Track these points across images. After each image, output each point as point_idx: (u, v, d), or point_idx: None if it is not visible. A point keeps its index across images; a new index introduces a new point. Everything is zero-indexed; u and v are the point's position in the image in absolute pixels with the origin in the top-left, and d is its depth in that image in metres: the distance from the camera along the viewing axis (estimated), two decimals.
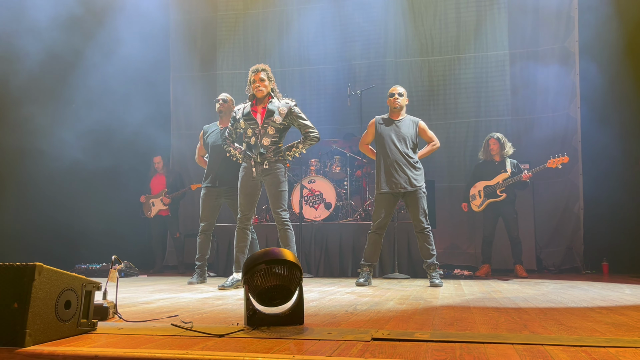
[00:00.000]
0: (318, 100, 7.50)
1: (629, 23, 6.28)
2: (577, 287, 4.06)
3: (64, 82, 6.59)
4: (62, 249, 6.30)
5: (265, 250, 2.07)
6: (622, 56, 6.28)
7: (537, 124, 6.91)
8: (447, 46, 7.37)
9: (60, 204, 6.36)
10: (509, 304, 2.89)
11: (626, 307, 2.76)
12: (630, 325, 2.09)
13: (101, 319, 2.17)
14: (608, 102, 6.38)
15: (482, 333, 1.88)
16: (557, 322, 2.16)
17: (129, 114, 6.99)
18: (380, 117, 4.55)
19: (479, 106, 7.16)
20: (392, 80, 7.13)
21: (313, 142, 4.16)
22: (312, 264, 5.80)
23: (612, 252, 6.20)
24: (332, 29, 7.62)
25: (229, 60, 8.06)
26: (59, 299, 1.75)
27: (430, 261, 4.30)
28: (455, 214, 6.85)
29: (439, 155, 7.22)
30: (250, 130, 4.11)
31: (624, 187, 6.11)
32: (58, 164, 6.38)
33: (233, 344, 1.68)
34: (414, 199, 4.31)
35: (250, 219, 4.23)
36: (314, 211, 6.02)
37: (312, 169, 6.33)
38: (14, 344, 1.60)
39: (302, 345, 1.66)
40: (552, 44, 6.98)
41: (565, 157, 5.45)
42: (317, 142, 4.20)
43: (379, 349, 1.59)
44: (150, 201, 6.98)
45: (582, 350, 1.55)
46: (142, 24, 7.22)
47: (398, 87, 4.55)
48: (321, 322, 2.18)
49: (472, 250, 6.82)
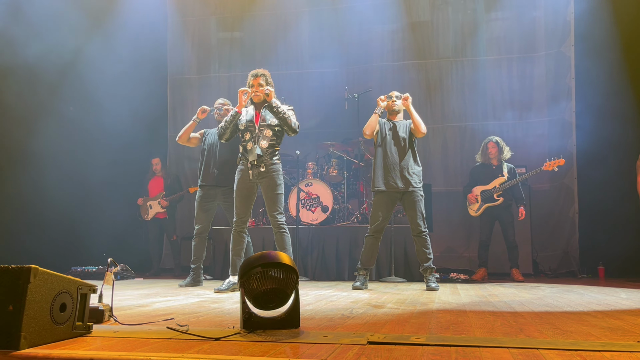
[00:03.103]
0: (315, 103, 7.50)
1: (625, 27, 6.31)
2: (573, 291, 4.07)
3: (62, 84, 6.58)
4: (58, 251, 6.28)
5: (262, 253, 2.07)
6: (618, 61, 6.31)
7: (532, 128, 6.95)
8: (443, 50, 7.40)
9: (56, 206, 6.34)
10: (505, 307, 2.90)
11: (622, 311, 2.77)
12: (626, 329, 2.10)
13: (97, 322, 2.16)
14: (603, 107, 6.41)
15: (478, 337, 1.88)
16: (553, 326, 2.16)
17: (127, 116, 6.98)
18: (380, 118, 4.54)
19: (475, 110, 7.18)
20: (389, 83, 7.15)
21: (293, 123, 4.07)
22: (308, 267, 5.79)
23: (608, 256, 6.21)
24: (329, 32, 7.63)
25: (226, 63, 8.07)
26: (54, 301, 1.75)
27: (426, 265, 4.30)
28: (451, 217, 6.86)
29: (436, 159, 7.24)
30: (247, 133, 4.11)
31: (619, 191, 6.13)
32: (54, 165, 6.37)
33: (229, 347, 1.68)
34: (412, 202, 4.32)
35: (246, 222, 4.23)
36: (311, 214, 6.02)
37: (309, 172, 6.33)
38: (9, 347, 1.60)
39: (297, 349, 1.66)
40: (548, 49, 7.01)
41: (561, 160, 5.48)
42: (293, 131, 4.09)
43: (375, 352, 1.59)
44: (148, 204, 6.97)
45: (577, 355, 1.56)
46: (139, 26, 7.22)
47: (396, 92, 4.57)
48: (317, 325, 2.18)
49: (469, 254, 6.83)
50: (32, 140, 6.24)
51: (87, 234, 6.66)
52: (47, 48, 6.06)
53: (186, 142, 4.90)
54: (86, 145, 6.64)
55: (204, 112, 4.73)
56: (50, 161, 6.31)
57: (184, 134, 4.82)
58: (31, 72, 6.04)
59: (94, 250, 6.58)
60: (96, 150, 6.73)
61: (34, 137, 6.25)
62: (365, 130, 4.42)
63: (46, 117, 6.38)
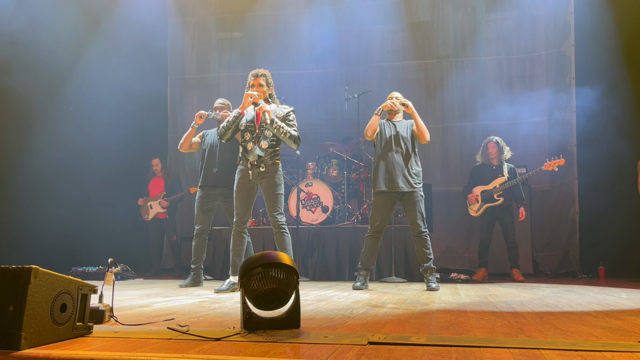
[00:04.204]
0: (315, 103, 7.50)
1: (625, 27, 6.31)
2: (574, 291, 4.06)
3: (62, 84, 6.58)
4: (58, 251, 6.27)
5: (262, 253, 2.07)
6: (619, 60, 6.31)
7: (532, 128, 6.94)
8: (443, 50, 7.40)
9: (57, 206, 6.34)
10: (505, 308, 2.90)
11: (622, 311, 2.77)
12: (626, 329, 2.09)
13: (97, 322, 2.16)
14: (603, 107, 6.41)
15: (479, 337, 1.88)
16: (553, 326, 2.16)
17: (127, 116, 6.99)
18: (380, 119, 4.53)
19: (475, 110, 7.18)
20: (388, 83, 7.16)
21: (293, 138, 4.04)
22: (308, 267, 5.79)
23: (608, 256, 6.21)
24: (329, 32, 7.63)
25: (226, 63, 8.07)
26: (54, 302, 1.75)
27: (427, 265, 4.30)
28: (452, 217, 6.86)
29: (436, 159, 7.24)
30: (248, 133, 4.10)
31: (619, 191, 6.13)
32: (55, 166, 6.37)
33: (229, 347, 1.68)
34: (412, 202, 4.31)
35: (246, 223, 4.23)
36: (311, 214, 6.02)
37: (309, 173, 6.33)
38: (10, 347, 1.60)
39: (298, 349, 1.66)
40: (548, 49, 7.02)
41: (561, 160, 5.48)
42: (296, 144, 4.07)
43: (375, 352, 1.59)
44: (148, 204, 6.97)
45: (578, 355, 1.56)
46: (139, 26, 7.23)
47: (396, 93, 4.56)
48: (318, 325, 2.18)
49: (469, 254, 6.83)
50: (32, 140, 6.24)
51: (87, 234, 6.66)
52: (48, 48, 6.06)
53: (188, 150, 4.91)
54: (86, 146, 6.63)
55: (202, 118, 4.73)
56: (51, 161, 6.31)
57: (184, 142, 4.81)
58: (32, 72, 6.04)
59: (94, 250, 6.57)
60: (96, 150, 6.73)
61: (33, 137, 6.26)
62: (366, 132, 4.41)
63: (47, 117, 6.39)
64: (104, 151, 6.82)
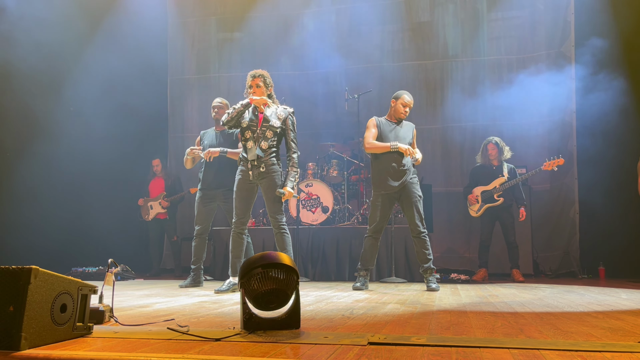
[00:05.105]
0: (315, 104, 7.50)
1: (625, 27, 6.31)
2: (574, 292, 4.06)
3: (62, 85, 6.58)
4: (59, 251, 6.28)
5: (262, 254, 2.07)
6: (619, 60, 6.31)
7: (532, 128, 6.94)
8: (443, 50, 7.40)
9: (57, 207, 6.34)
10: (505, 308, 2.90)
11: (622, 311, 2.77)
12: (627, 330, 2.09)
13: (97, 323, 2.16)
14: (604, 107, 6.41)
15: (479, 337, 1.88)
16: (553, 327, 2.16)
17: (127, 117, 6.98)
18: (378, 118, 4.50)
19: (475, 110, 7.17)
20: (389, 83, 7.15)
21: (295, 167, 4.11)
22: (308, 267, 5.79)
23: (608, 256, 6.21)
24: (329, 33, 7.64)
25: (226, 63, 8.07)
26: (54, 302, 1.75)
27: (427, 265, 4.30)
28: (452, 218, 6.86)
29: (436, 160, 7.24)
30: (249, 132, 4.09)
31: (619, 191, 6.13)
32: (55, 166, 6.37)
33: (229, 348, 1.68)
34: (409, 201, 4.30)
35: (246, 223, 4.22)
36: (311, 215, 6.02)
37: (309, 173, 6.34)
38: (10, 348, 1.60)
39: (298, 350, 1.66)
40: (548, 49, 7.01)
41: (560, 159, 5.47)
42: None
43: (376, 353, 1.59)
44: (149, 204, 6.97)
45: (578, 355, 1.56)
46: (139, 26, 7.23)
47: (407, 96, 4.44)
48: (318, 326, 2.18)
49: (469, 255, 6.83)
50: (32, 140, 6.24)
51: (87, 234, 6.66)
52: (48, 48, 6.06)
53: (192, 165, 5.05)
54: (86, 146, 6.63)
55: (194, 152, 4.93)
56: (51, 161, 6.31)
57: (186, 164, 5.05)
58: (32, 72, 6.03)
59: (94, 250, 6.57)
60: (96, 150, 6.73)
61: (33, 138, 6.25)
62: (368, 148, 4.37)
63: (47, 117, 6.38)
64: (104, 151, 6.82)
